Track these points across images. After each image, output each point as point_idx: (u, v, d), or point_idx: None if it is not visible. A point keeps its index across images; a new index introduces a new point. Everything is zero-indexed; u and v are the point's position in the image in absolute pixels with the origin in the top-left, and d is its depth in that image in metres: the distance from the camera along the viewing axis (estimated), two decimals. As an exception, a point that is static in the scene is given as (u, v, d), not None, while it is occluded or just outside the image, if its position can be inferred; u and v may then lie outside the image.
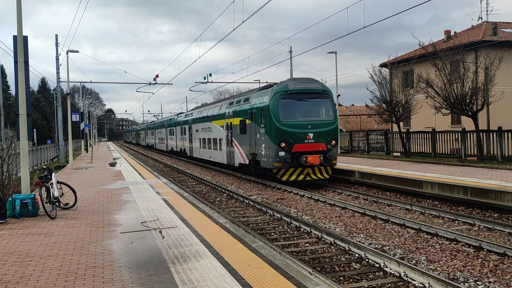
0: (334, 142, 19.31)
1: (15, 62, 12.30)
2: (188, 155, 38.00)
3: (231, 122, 24.49)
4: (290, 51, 36.67)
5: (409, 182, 16.25)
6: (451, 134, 25.41)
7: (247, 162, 22.21)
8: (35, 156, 31.41)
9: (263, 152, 19.69)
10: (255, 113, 20.60)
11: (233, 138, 24.12)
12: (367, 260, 8.75)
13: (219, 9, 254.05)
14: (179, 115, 45.04)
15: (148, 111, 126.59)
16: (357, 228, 11.62)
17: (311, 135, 18.78)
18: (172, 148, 47.35)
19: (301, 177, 19.02)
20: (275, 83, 21.60)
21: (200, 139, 32.64)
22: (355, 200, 15.99)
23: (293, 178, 18.96)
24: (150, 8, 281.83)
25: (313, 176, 19.18)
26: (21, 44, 11.82)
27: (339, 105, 48.81)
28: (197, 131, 33.67)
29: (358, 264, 8.64)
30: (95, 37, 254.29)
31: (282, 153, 18.54)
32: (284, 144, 18.52)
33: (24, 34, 11.94)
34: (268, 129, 19.14)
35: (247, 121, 21.62)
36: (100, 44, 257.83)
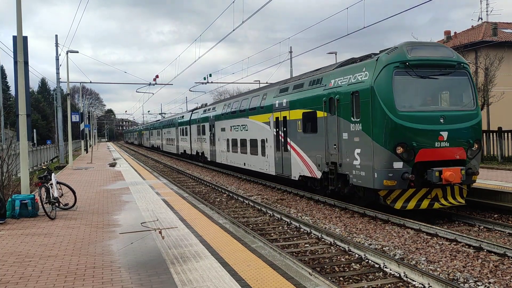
0: (477, 146, 12.59)
1: (15, 62, 12.30)
2: (209, 159, 30.74)
3: (284, 117, 17.90)
4: (290, 52, 36.68)
5: None
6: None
7: (317, 175, 15.37)
8: (35, 157, 31.40)
9: (357, 162, 12.85)
10: (338, 101, 13.73)
11: (289, 139, 17.52)
12: (367, 260, 8.74)
13: (220, 9, 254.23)
14: (194, 111, 37.10)
15: (148, 111, 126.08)
16: (357, 228, 11.61)
17: (445, 134, 11.98)
18: (184, 150, 40.15)
19: (425, 203, 12.12)
20: (373, 54, 13.85)
21: (227, 140, 25.83)
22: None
23: (412, 205, 12.08)
24: (151, 9, 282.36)
25: (444, 202, 12.22)
26: (20, 45, 11.82)
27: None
28: (222, 129, 26.84)
29: (358, 265, 8.63)
30: (96, 38, 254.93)
31: (398, 164, 11.75)
32: (402, 149, 11.73)
33: (24, 34, 11.94)
34: (370, 124, 12.26)
35: (320, 114, 14.92)
36: (101, 44, 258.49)
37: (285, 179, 18.47)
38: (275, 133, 18.89)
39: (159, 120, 69.44)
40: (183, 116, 42.15)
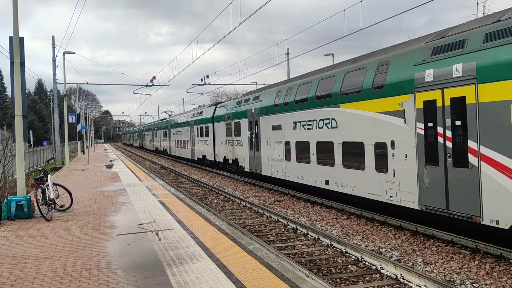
0: None
1: (11, 63, 12.26)
2: (247, 170, 22.22)
3: (459, 99, 9.49)
4: (287, 53, 36.71)
5: None
6: None
7: None
8: (31, 158, 31.29)
9: None
10: None
11: (473, 142, 9.18)
12: (364, 262, 8.74)
13: (218, 11, 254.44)
14: (219, 106, 28.51)
15: (145, 112, 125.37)
16: (354, 230, 11.61)
17: None
18: (203, 155, 31.79)
19: None
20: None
21: (288, 143, 17.42)
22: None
23: None
24: (149, 10, 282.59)
25: None
26: (17, 45, 11.78)
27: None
28: (276, 128, 18.32)
29: (354, 266, 8.63)
30: (93, 39, 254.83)
31: None
32: None
33: (21, 35, 11.95)
34: None
35: None
36: (99, 45, 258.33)
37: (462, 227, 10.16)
38: (420, 131, 10.42)
39: (164, 119, 59.62)
40: (201, 112, 33.00)
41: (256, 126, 20.63)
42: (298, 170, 16.53)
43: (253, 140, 21.15)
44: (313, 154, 15.40)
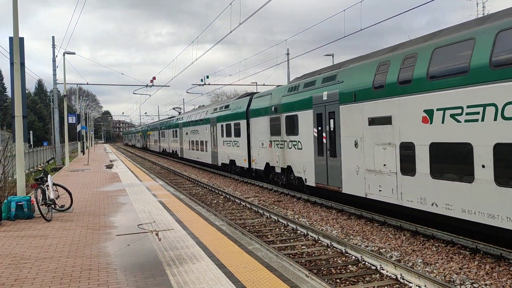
0: None
1: (11, 63, 12.26)
2: (328, 187, 14.72)
3: None
4: (287, 54, 36.73)
5: None
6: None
7: None
8: (31, 158, 31.28)
9: None
10: None
11: None
12: (364, 262, 8.74)
13: (219, 11, 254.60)
14: (257, 96, 22.49)
15: (145, 113, 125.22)
16: (354, 230, 11.61)
17: None
18: (232, 160, 25.22)
19: None
20: None
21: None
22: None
23: None
24: (149, 10, 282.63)
25: None
26: (17, 46, 11.78)
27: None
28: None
29: (354, 267, 8.63)
30: (94, 39, 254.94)
31: None
32: None
33: (22, 35, 11.96)
34: None
35: None
36: (99, 46, 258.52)
37: None
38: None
39: (173, 116, 52.96)
40: (227, 106, 26.70)
41: (331, 120, 14.42)
42: (439, 192, 9.90)
43: (324, 140, 14.89)
44: (482, 166, 8.75)
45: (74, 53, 31.18)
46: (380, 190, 11.93)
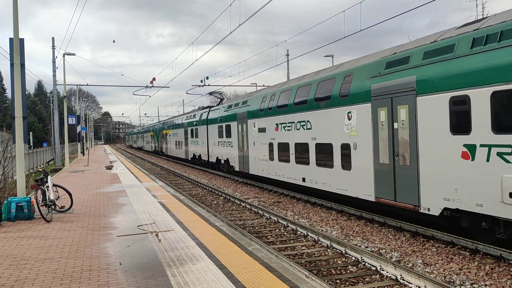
0: None
1: (11, 64, 12.27)
2: None
3: None
4: (287, 54, 36.76)
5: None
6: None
7: None
8: (31, 159, 31.29)
9: None
10: None
11: None
12: (364, 263, 8.75)
13: (220, 12, 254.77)
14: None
15: (145, 114, 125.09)
16: (354, 231, 11.62)
17: None
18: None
19: None
20: None
21: None
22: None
23: None
24: (151, 11, 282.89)
25: None
26: (17, 47, 11.80)
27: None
28: None
29: (354, 267, 8.64)
30: (95, 40, 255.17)
31: None
32: None
33: (22, 36, 11.96)
34: None
35: None
36: (100, 47, 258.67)
37: None
38: None
39: (202, 107, 41.28)
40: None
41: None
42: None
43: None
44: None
45: (74, 54, 31.22)
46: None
